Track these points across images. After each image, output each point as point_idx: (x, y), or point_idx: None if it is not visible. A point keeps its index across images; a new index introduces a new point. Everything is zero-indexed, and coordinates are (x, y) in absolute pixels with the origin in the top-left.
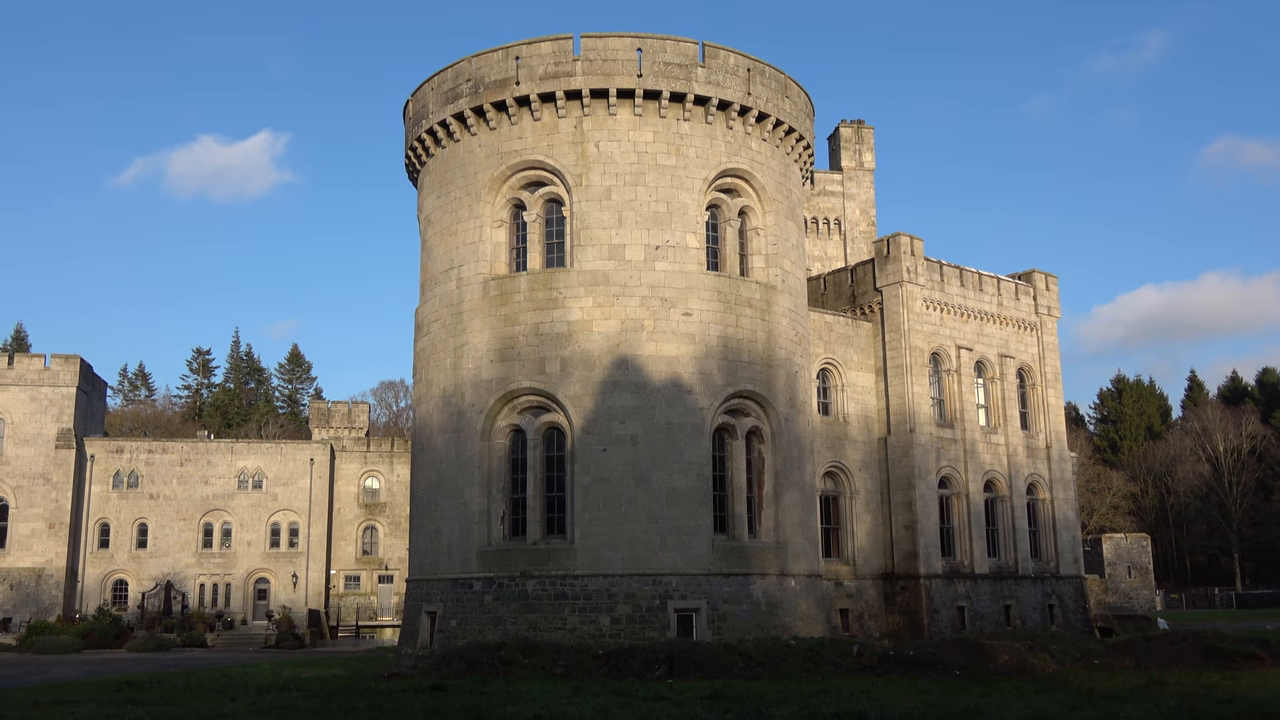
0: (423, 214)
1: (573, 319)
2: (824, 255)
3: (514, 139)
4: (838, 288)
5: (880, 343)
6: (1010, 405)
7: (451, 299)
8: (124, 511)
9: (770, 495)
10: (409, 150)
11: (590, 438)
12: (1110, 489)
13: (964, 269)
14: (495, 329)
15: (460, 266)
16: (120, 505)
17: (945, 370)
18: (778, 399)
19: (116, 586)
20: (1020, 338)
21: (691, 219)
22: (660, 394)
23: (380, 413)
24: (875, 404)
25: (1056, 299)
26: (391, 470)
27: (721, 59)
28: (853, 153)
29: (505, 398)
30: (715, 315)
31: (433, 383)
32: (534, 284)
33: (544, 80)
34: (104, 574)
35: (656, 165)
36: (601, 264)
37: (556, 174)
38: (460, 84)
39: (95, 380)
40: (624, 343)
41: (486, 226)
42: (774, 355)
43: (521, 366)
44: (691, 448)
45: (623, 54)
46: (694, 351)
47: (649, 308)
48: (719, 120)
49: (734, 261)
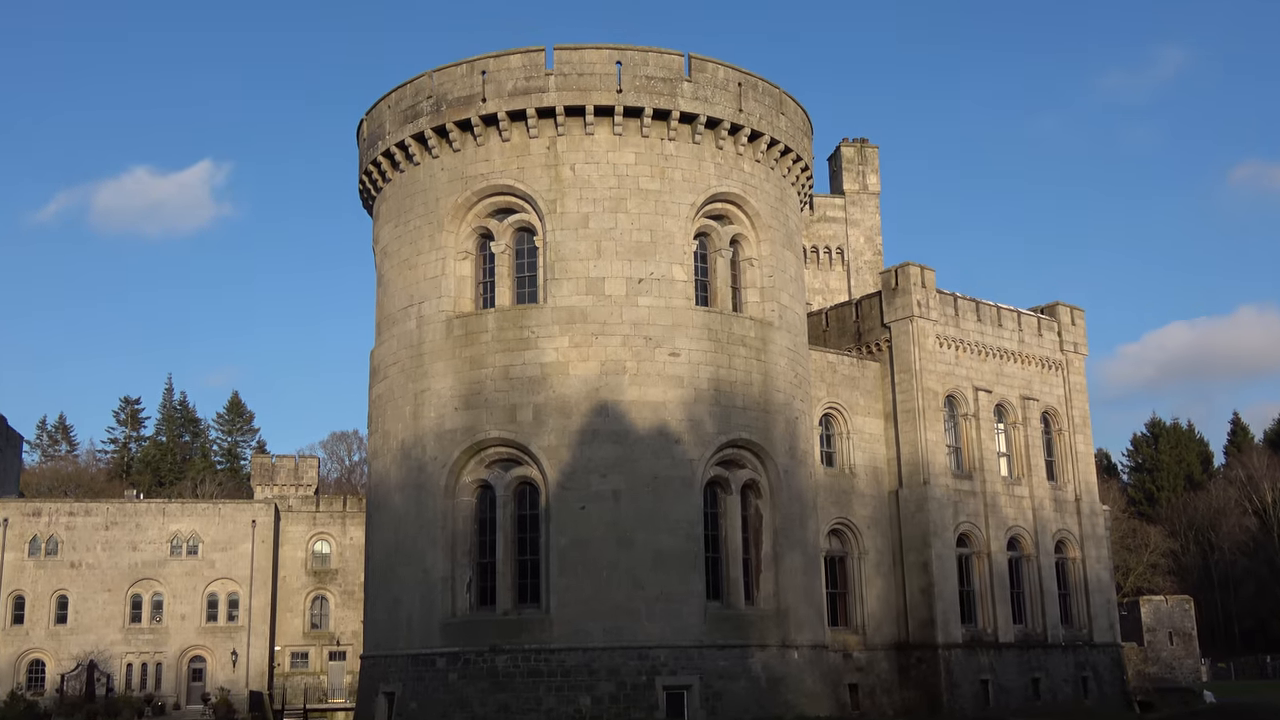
0: (379, 245)
1: (547, 361)
2: (825, 288)
3: (480, 162)
4: (841, 324)
5: (889, 385)
6: (1035, 453)
7: (411, 340)
8: (41, 582)
9: (769, 557)
10: (363, 175)
11: (567, 494)
12: (1147, 546)
13: (980, 302)
14: (460, 373)
15: (420, 303)
16: (37, 575)
17: (962, 415)
18: (776, 448)
19: (32, 668)
20: (1044, 378)
21: (678, 249)
22: (645, 444)
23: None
24: (885, 453)
25: (1083, 334)
26: (344, 533)
27: (710, 72)
28: (856, 174)
29: (472, 450)
30: (705, 355)
31: (390, 434)
32: (503, 322)
33: (513, 97)
34: (17, 654)
35: (639, 189)
36: (578, 299)
37: (528, 200)
38: (420, 101)
39: (9, 434)
40: (604, 387)
41: (450, 259)
42: (771, 400)
43: (490, 414)
44: (680, 504)
45: (600, 67)
46: (682, 396)
47: (632, 348)
48: (707, 140)
49: (726, 295)
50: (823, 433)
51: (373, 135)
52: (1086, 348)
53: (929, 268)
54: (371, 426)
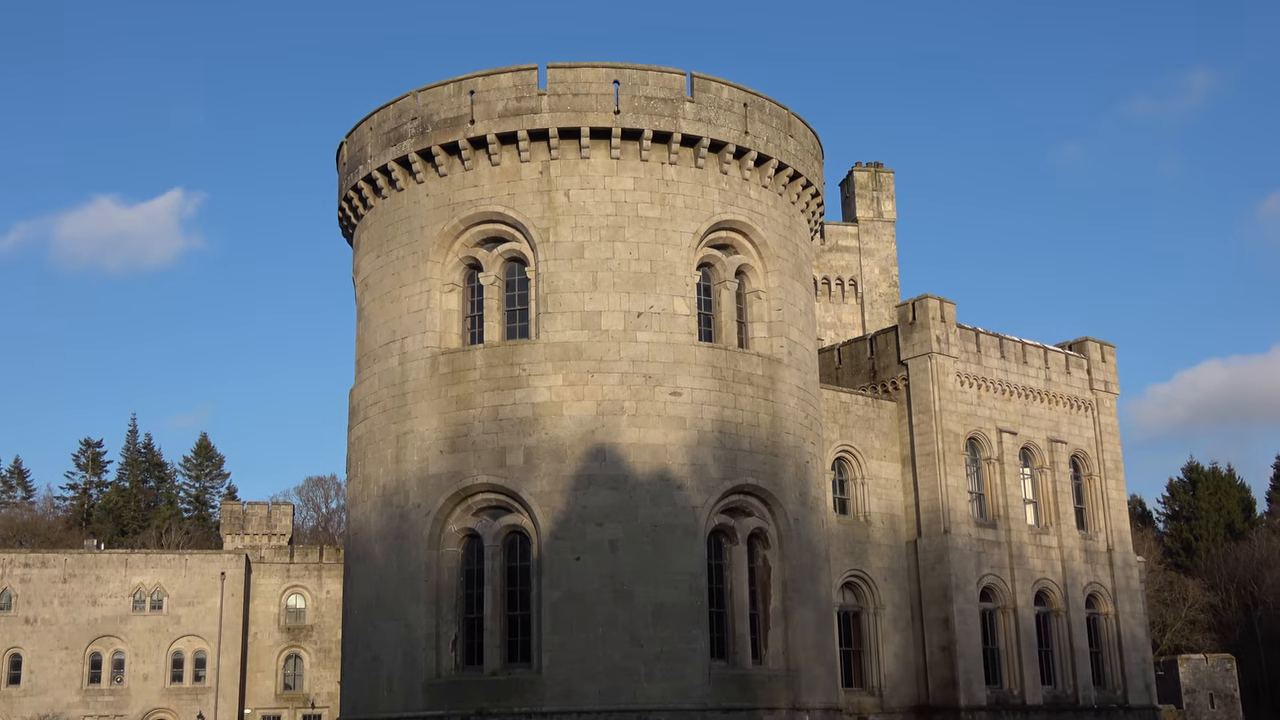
0: (359, 276)
1: (539, 400)
2: (838, 322)
3: (468, 187)
4: (855, 361)
5: (907, 426)
6: (1063, 500)
7: (393, 378)
8: None
9: (778, 612)
10: (343, 201)
11: (561, 544)
12: (1186, 600)
13: (1004, 337)
14: (446, 413)
15: (404, 339)
16: None
17: (985, 458)
18: (785, 495)
19: None
20: (1073, 419)
21: (680, 280)
22: (645, 490)
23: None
24: (902, 500)
25: (1114, 372)
26: (320, 586)
27: (713, 92)
28: (870, 201)
29: (458, 496)
30: (709, 395)
31: (370, 479)
32: (492, 359)
33: (504, 118)
34: None
35: (638, 217)
36: (573, 334)
37: (519, 228)
38: (404, 123)
39: None
40: (600, 428)
41: (435, 291)
42: (780, 442)
43: (477, 458)
44: (683, 554)
45: (596, 87)
46: (684, 438)
47: (630, 386)
48: (711, 164)
49: (731, 330)
50: (835, 478)
51: (353, 159)
52: (1118, 386)
53: (949, 300)
54: (350, 471)
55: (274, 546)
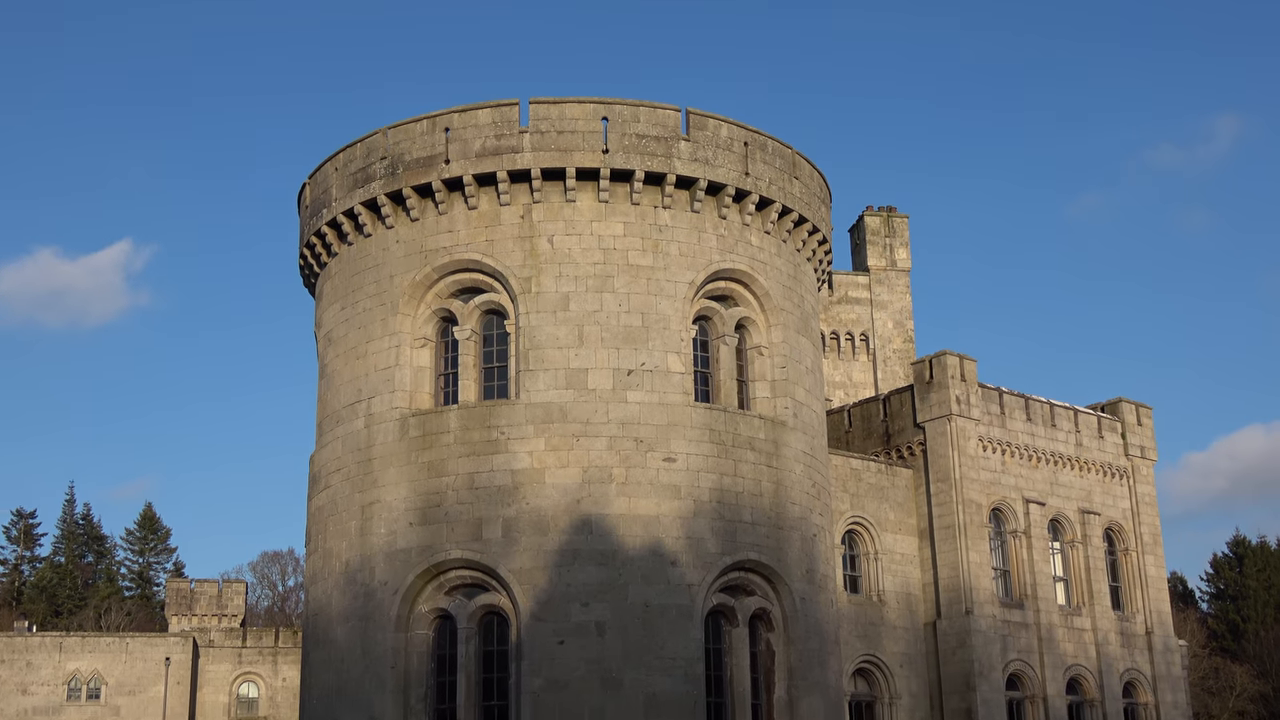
0: (321, 330)
1: (519, 467)
2: (848, 381)
3: (442, 233)
4: (866, 423)
5: (924, 496)
6: (1097, 577)
7: (358, 441)
8: None
9: (783, 702)
10: (304, 248)
11: (543, 626)
12: (1233, 688)
13: (1030, 398)
14: (416, 481)
15: (370, 399)
16: None
17: (1010, 531)
18: (791, 572)
19: None
20: (1106, 488)
21: (674, 335)
22: (635, 566)
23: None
24: (919, 577)
25: (1151, 436)
26: (275, 673)
27: (711, 130)
28: (882, 249)
29: (429, 573)
30: (707, 461)
31: (332, 553)
32: (468, 421)
33: (481, 158)
34: None
35: (628, 265)
36: (556, 394)
37: (498, 277)
38: (373, 163)
39: None
40: (587, 498)
41: (405, 346)
42: (785, 513)
43: (451, 531)
44: (677, 638)
45: (583, 124)
46: (679, 509)
47: (620, 452)
48: (709, 208)
49: (730, 390)
50: (846, 553)
51: (316, 202)
52: (1155, 452)
53: (970, 357)
54: (310, 545)
55: (224, 629)
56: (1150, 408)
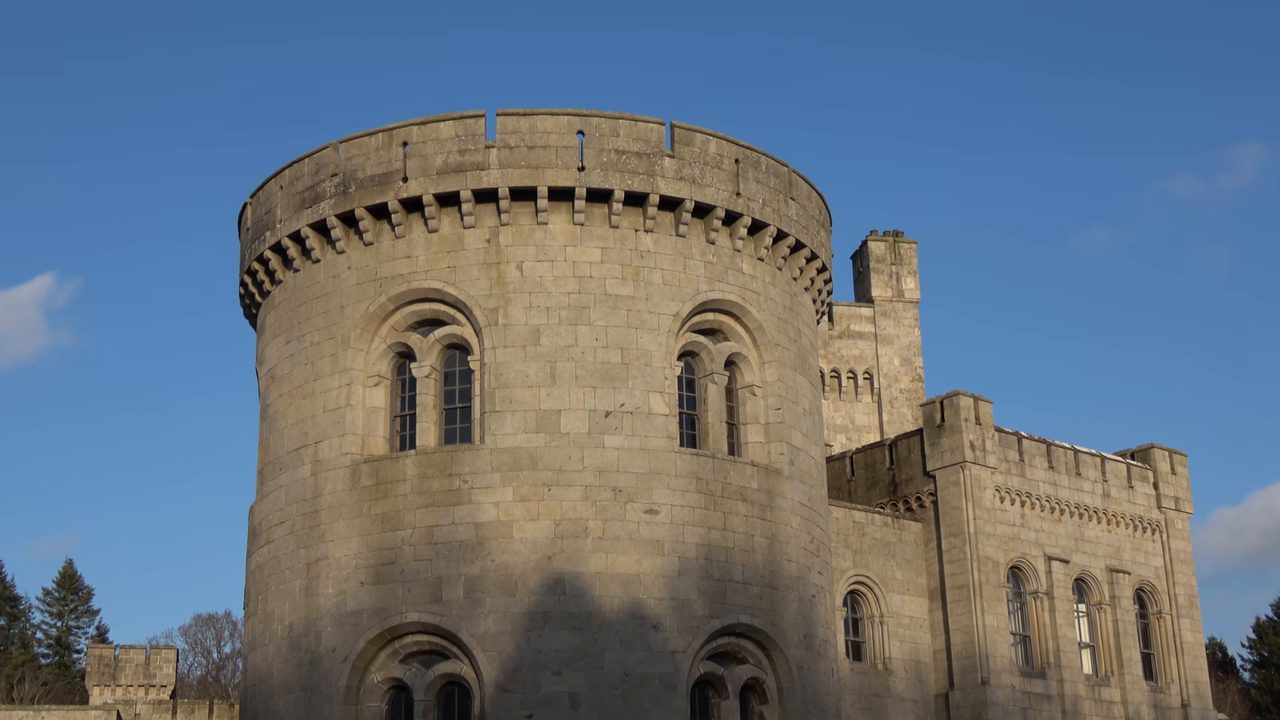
0: (263, 367)
1: (484, 520)
2: (850, 424)
3: (399, 259)
4: (871, 472)
5: (935, 552)
6: (1127, 643)
7: (304, 491)
8: None
9: None
10: (245, 275)
11: (509, 697)
12: None
13: (1052, 444)
14: (369, 536)
15: (318, 443)
16: None
17: (1031, 592)
18: (786, 637)
19: None
20: (1137, 544)
21: (657, 373)
22: (613, 631)
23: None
24: (929, 643)
25: (1186, 487)
26: None
27: (698, 145)
28: (888, 278)
29: (383, 638)
30: (693, 513)
31: (274, 616)
32: (426, 469)
33: (443, 175)
34: None
35: (606, 295)
36: (526, 439)
37: (461, 308)
38: (322, 180)
39: None
40: (559, 554)
41: (357, 385)
42: (780, 572)
43: (407, 591)
44: (660, 711)
45: (556, 138)
46: (662, 567)
47: (596, 503)
48: (696, 231)
49: (719, 434)
50: (848, 615)
51: (259, 224)
52: (1191, 504)
53: (985, 399)
54: (249, 607)
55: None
56: (1185, 455)
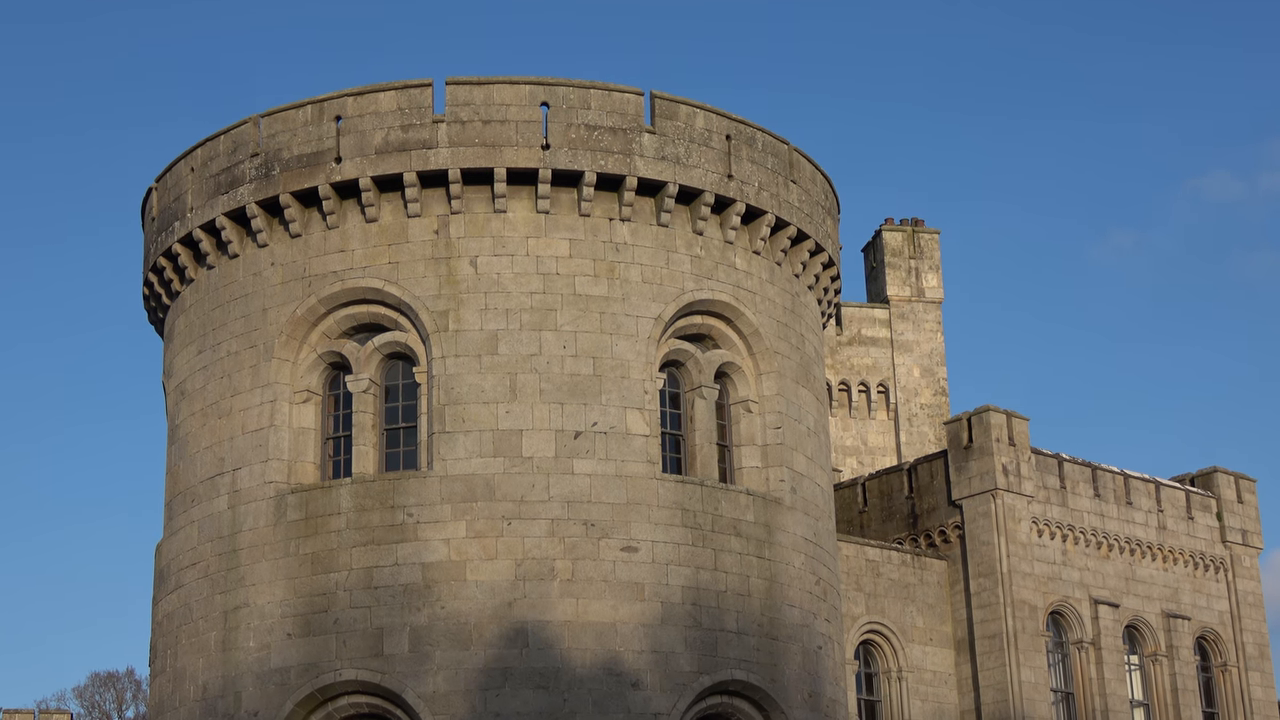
0: (172, 381)
1: (432, 560)
2: (862, 445)
3: (332, 253)
4: (887, 501)
5: (962, 595)
6: (1187, 700)
7: (220, 527)
8: None
9: None
10: (150, 273)
11: None
12: None
13: (1098, 467)
14: (297, 579)
15: (236, 470)
16: None
17: (1074, 642)
18: (788, 696)
19: None
20: (1198, 584)
21: (635, 386)
22: (585, 690)
23: None
24: (956, 702)
25: (1256, 518)
26: None
27: (683, 119)
28: (905, 274)
29: (313, 700)
30: (678, 551)
31: (185, 674)
32: (365, 500)
33: (383, 155)
34: None
35: (575, 296)
36: (482, 464)
37: (405, 311)
38: (240, 161)
39: None
40: (521, 600)
41: (283, 402)
42: (781, 620)
43: (342, 644)
44: None
45: (517, 111)
46: (642, 614)
47: (564, 539)
48: (680, 220)
49: (709, 457)
50: (861, 670)
51: (166, 213)
52: (1261, 538)
53: (1020, 415)
54: (156, 664)
55: None
56: (1254, 480)
